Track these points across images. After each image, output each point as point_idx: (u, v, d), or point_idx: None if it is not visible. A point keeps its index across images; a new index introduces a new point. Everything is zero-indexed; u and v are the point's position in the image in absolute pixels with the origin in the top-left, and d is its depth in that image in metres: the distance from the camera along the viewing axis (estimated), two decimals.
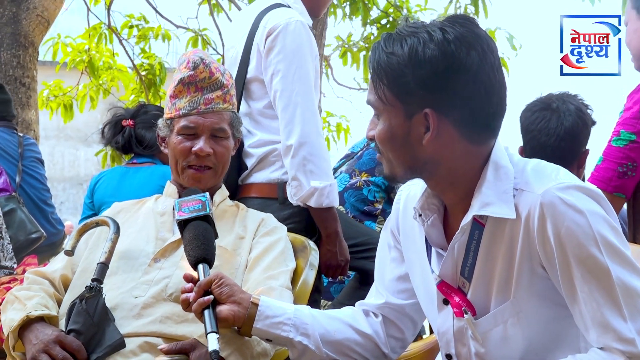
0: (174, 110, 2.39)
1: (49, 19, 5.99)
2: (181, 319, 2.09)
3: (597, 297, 1.51)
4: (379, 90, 1.65)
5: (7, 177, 4.10)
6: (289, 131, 2.74)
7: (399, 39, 1.62)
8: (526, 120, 2.99)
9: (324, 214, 2.80)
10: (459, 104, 1.60)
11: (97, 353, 2.00)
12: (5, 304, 2.19)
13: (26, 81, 5.74)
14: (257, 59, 2.87)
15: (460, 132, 1.62)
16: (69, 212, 16.56)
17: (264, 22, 2.87)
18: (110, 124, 3.79)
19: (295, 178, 2.74)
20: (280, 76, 2.78)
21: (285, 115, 2.76)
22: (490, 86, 1.60)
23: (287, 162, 2.76)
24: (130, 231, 2.33)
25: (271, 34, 2.81)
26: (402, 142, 1.65)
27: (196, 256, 1.92)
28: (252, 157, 2.89)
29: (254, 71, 2.89)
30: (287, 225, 2.54)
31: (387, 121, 1.66)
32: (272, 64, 2.80)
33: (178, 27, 7.99)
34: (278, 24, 2.81)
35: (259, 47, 2.85)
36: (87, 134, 17.22)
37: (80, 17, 8.05)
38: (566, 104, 2.92)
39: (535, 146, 2.92)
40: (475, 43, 1.59)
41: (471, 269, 1.68)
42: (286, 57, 2.78)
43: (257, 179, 2.88)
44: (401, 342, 1.99)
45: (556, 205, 1.54)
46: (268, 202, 2.81)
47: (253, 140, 2.90)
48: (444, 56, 1.57)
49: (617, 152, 2.48)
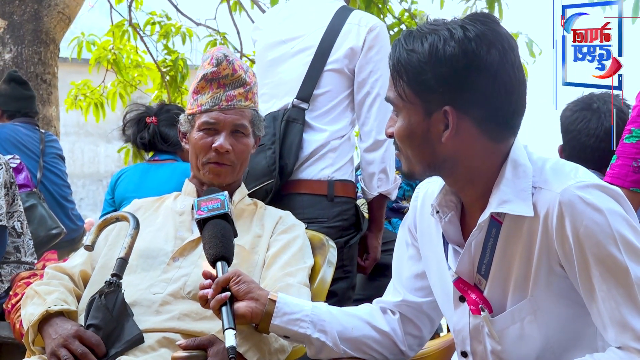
0: (195, 106, 2.40)
1: (70, 16, 6.03)
2: (200, 317, 2.10)
3: (616, 296, 1.50)
4: (399, 87, 1.64)
5: (28, 173, 4.13)
6: (382, 127, 2.81)
7: (420, 36, 1.61)
8: (566, 120, 3.00)
9: (384, 207, 3.01)
10: (479, 102, 1.59)
11: (116, 348, 2.02)
12: (25, 298, 2.21)
13: (47, 78, 5.79)
14: (346, 54, 2.95)
15: (480, 129, 1.62)
16: (89, 209, 16.65)
17: (354, 20, 2.98)
18: (132, 121, 3.79)
19: (384, 171, 2.93)
20: (379, 74, 2.92)
21: (380, 111, 2.90)
22: (510, 84, 1.60)
23: (378, 155, 2.92)
24: (150, 230, 2.34)
25: (371, 32, 2.95)
26: (421, 139, 1.65)
27: (214, 254, 1.93)
28: (306, 149, 2.93)
29: (338, 64, 2.96)
30: (336, 222, 2.63)
31: (406, 118, 1.66)
32: (372, 62, 2.93)
33: (198, 24, 8.00)
34: (376, 24, 2.98)
35: (354, 42, 2.94)
36: (107, 131, 17.33)
37: (103, 15, 8.09)
38: (607, 104, 2.92)
39: (575, 146, 2.95)
40: (496, 41, 1.59)
41: (488, 266, 1.67)
42: (385, 57, 2.87)
43: (308, 174, 2.92)
44: (418, 340, 1.98)
45: (575, 204, 1.53)
46: (317, 199, 2.88)
47: (309, 132, 2.95)
48: (464, 54, 1.57)
49: (631, 149, 2.48)
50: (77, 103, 8.38)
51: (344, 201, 2.90)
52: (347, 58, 2.95)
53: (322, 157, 2.91)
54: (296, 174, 2.92)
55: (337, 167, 2.91)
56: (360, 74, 2.95)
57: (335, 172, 2.91)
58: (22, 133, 4.51)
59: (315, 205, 2.67)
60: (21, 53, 5.67)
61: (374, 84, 2.93)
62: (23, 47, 5.68)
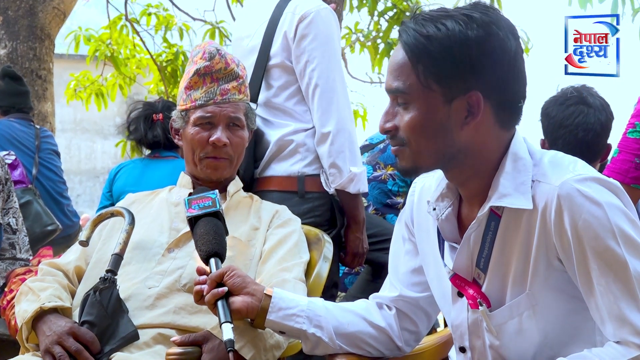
0: (189, 102, 2.39)
1: (65, 11, 6.02)
2: (195, 310, 2.09)
3: (614, 290, 1.49)
4: (415, 75, 1.59)
5: (23, 169, 4.12)
6: (326, 118, 2.74)
7: (433, 22, 1.57)
8: (560, 114, 2.94)
9: (355, 200, 2.82)
10: (498, 86, 1.58)
11: (111, 345, 2.00)
12: (19, 295, 2.20)
13: (42, 73, 5.77)
14: (282, 45, 2.84)
15: (496, 116, 1.61)
16: (86, 205, 16.63)
17: (290, 9, 2.85)
18: (139, 118, 3.74)
19: (334, 165, 2.74)
20: (315, 63, 2.77)
21: (322, 102, 2.75)
22: (523, 71, 1.61)
23: (325, 148, 2.74)
24: (144, 221, 2.33)
25: (303, 20, 2.79)
26: (437, 128, 1.61)
27: (208, 251, 1.91)
28: (270, 147, 2.85)
29: (278, 58, 2.86)
30: (307, 219, 2.53)
31: (422, 107, 1.60)
32: (307, 51, 2.78)
33: (195, 19, 7.99)
34: (309, 10, 2.80)
35: (287, 34, 2.83)
36: (104, 127, 17.32)
37: (99, 10, 8.07)
38: (594, 97, 2.90)
39: (572, 141, 2.89)
40: (509, 27, 1.59)
41: (487, 260, 1.66)
42: (321, 45, 2.77)
43: (277, 171, 2.85)
44: (415, 335, 1.98)
45: (574, 197, 1.52)
46: (287, 196, 2.78)
47: (272, 129, 2.87)
48: (489, 37, 1.55)
49: (634, 144, 2.46)
50: (77, 94, 8.36)
51: (316, 197, 2.81)
52: (285, 50, 2.85)
53: (291, 152, 2.82)
54: (266, 171, 2.87)
55: (308, 162, 2.82)
56: (297, 66, 2.82)
57: (305, 167, 2.82)
58: (17, 129, 4.50)
59: (285, 203, 2.53)
60: (16, 49, 5.66)
61: (311, 74, 2.77)
62: (18, 42, 5.67)
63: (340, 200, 2.83)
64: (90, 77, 8.42)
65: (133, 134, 3.77)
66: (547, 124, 2.97)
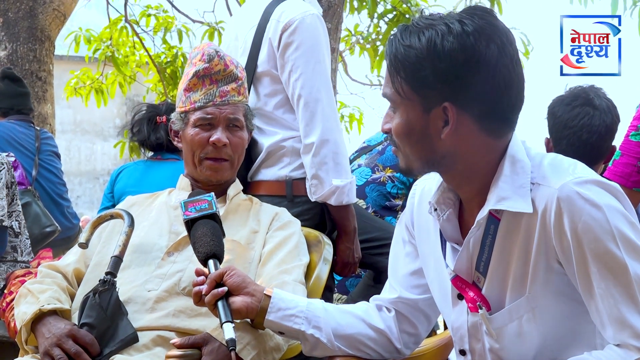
0: (188, 104, 2.39)
1: (65, 13, 6.02)
2: (194, 313, 2.09)
3: (614, 293, 1.49)
4: (396, 84, 1.62)
5: (23, 170, 4.13)
6: (310, 129, 2.69)
7: (417, 31, 1.59)
8: (565, 115, 2.94)
9: (343, 211, 2.75)
10: (478, 97, 1.58)
11: (110, 347, 2.00)
12: (19, 297, 2.20)
13: (42, 75, 5.77)
14: (268, 53, 2.80)
15: (479, 125, 1.60)
16: (85, 206, 16.63)
17: (276, 16, 2.79)
18: (143, 120, 3.73)
19: (316, 176, 2.68)
20: (299, 72, 2.71)
21: (306, 112, 2.70)
22: (510, 79, 1.58)
23: (308, 160, 2.69)
24: (144, 225, 2.33)
25: (287, 29, 2.73)
26: (419, 136, 1.63)
27: (206, 252, 1.91)
28: (260, 153, 2.83)
29: (265, 66, 2.81)
30: None
31: (404, 115, 1.64)
32: (290, 61, 2.73)
33: (195, 21, 7.99)
34: (294, 18, 2.73)
35: (272, 42, 2.78)
36: (104, 128, 17.32)
37: (99, 12, 8.08)
38: (601, 99, 2.90)
39: (575, 142, 2.90)
40: (494, 35, 1.57)
41: (486, 263, 1.66)
42: (305, 53, 2.71)
43: (266, 176, 2.82)
44: (414, 338, 1.97)
45: (573, 199, 1.52)
46: (276, 200, 2.73)
47: (261, 135, 2.85)
48: (463, 49, 1.55)
49: (637, 147, 2.45)
50: (77, 91, 8.36)
51: (305, 200, 2.76)
52: (271, 59, 2.80)
53: (279, 158, 2.79)
54: (256, 176, 2.85)
55: (295, 166, 2.77)
56: (282, 76, 2.77)
57: (292, 171, 2.77)
58: (17, 130, 4.50)
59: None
60: (16, 50, 5.66)
61: (294, 84, 2.71)
62: (18, 44, 5.67)
63: (328, 210, 2.79)
64: (90, 75, 8.43)
65: (136, 136, 3.76)
66: (552, 123, 2.99)
